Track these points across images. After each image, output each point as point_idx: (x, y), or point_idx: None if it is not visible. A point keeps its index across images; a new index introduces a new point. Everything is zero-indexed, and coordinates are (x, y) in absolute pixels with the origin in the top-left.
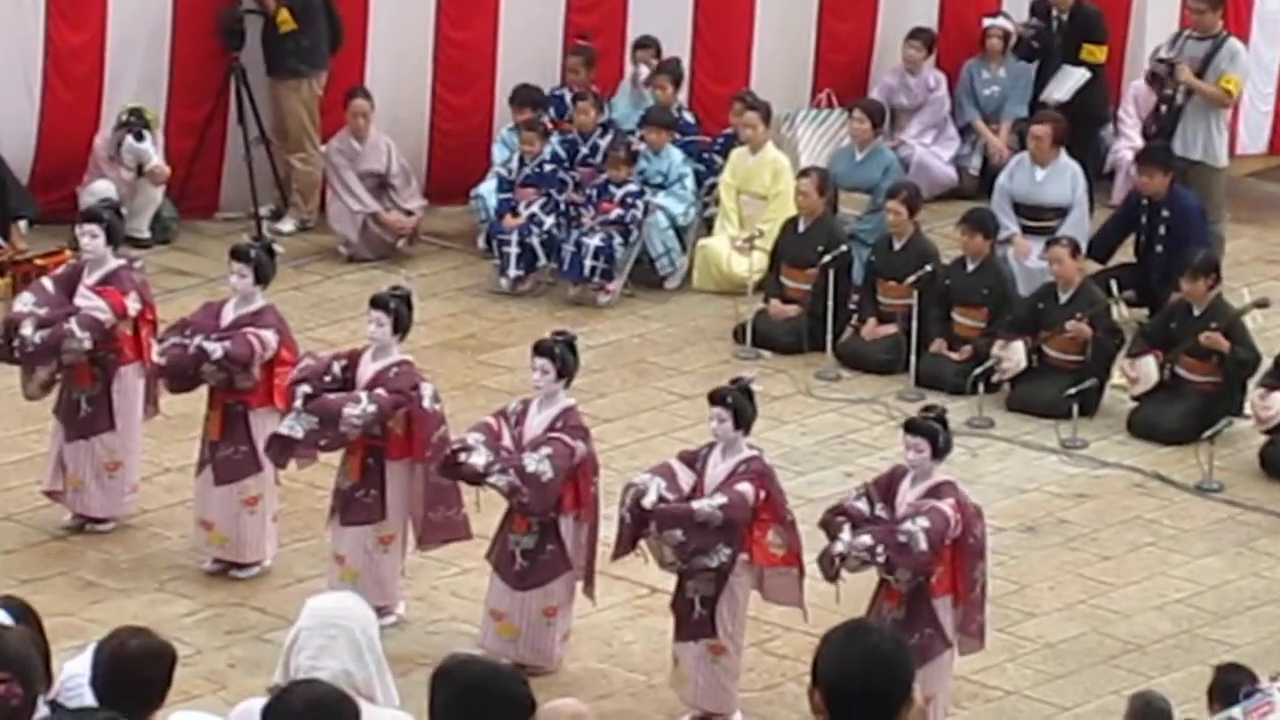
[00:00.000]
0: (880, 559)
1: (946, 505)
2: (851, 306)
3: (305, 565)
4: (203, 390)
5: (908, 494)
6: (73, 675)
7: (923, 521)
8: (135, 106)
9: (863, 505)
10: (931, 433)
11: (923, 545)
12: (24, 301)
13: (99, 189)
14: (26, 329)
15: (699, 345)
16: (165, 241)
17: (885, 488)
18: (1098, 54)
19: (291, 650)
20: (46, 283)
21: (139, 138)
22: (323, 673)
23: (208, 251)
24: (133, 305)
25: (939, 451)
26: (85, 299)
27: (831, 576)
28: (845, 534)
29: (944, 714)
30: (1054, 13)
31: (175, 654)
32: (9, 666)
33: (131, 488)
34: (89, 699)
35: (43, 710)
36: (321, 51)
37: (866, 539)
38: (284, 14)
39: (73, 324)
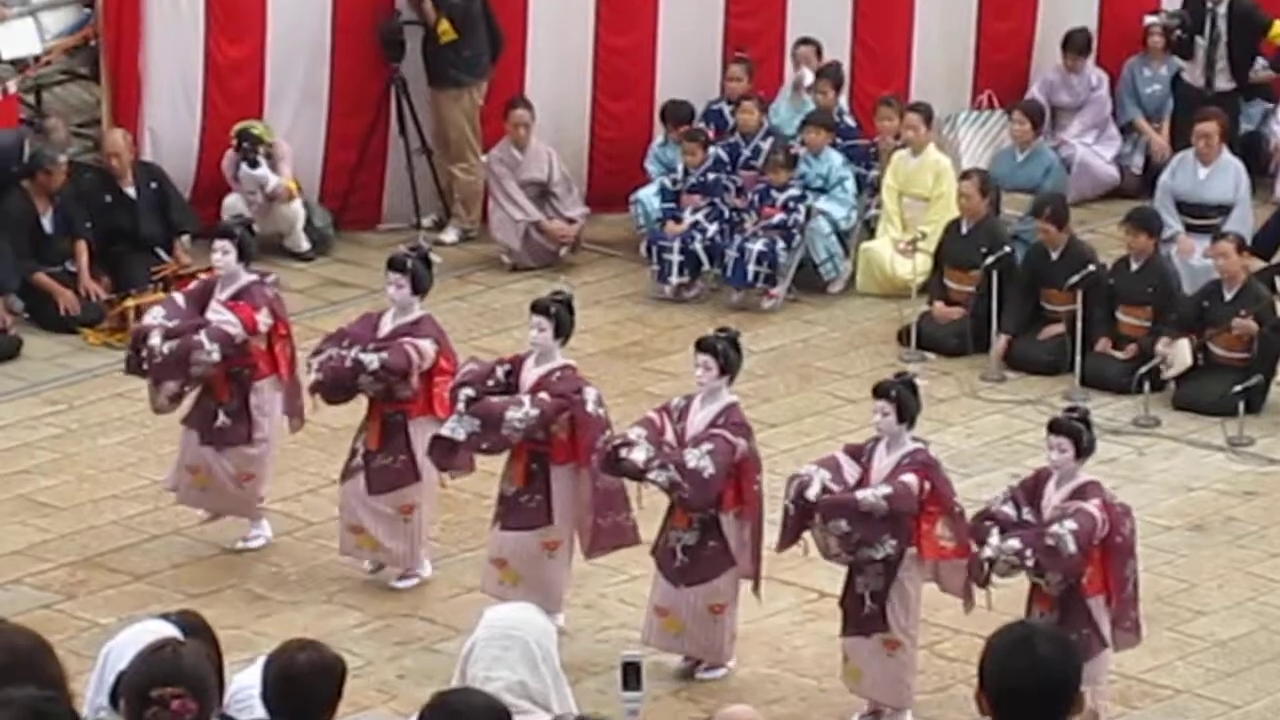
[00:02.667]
0: (1029, 563)
1: (1093, 506)
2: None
3: (474, 575)
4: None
5: (1053, 496)
6: (243, 688)
7: (1070, 524)
8: (244, 127)
9: (1009, 509)
10: (1075, 433)
11: (1071, 548)
12: (154, 315)
13: (231, 205)
14: (155, 339)
15: (863, 349)
16: (324, 253)
17: (1031, 491)
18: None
19: (467, 660)
20: (178, 297)
21: (253, 164)
22: (498, 683)
23: (370, 263)
24: (264, 320)
25: (1083, 452)
26: (216, 313)
27: (982, 582)
28: (994, 538)
29: (1104, 713)
30: (1208, 5)
31: (345, 666)
32: (184, 682)
33: (259, 499)
34: (259, 712)
35: None
36: (482, 61)
37: (1015, 543)
38: (444, 24)
39: (202, 336)
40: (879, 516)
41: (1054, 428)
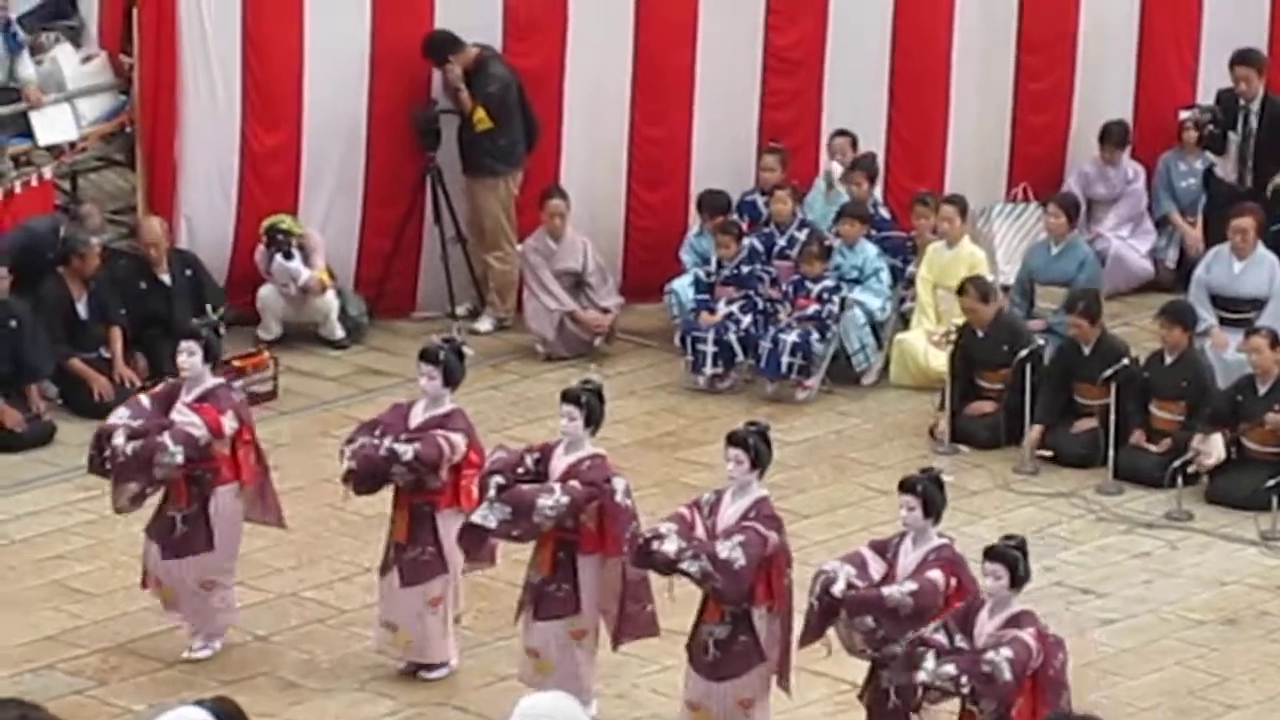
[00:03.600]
0: (965, 689)
1: (1028, 635)
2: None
3: (506, 663)
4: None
5: (987, 624)
6: None
7: (1006, 651)
8: (273, 223)
9: (941, 636)
10: (1011, 560)
11: (1007, 675)
12: (119, 415)
13: (265, 296)
14: (119, 439)
15: (897, 441)
16: (359, 341)
17: (963, 620)
18: None
19: None
20: (143, 399)
21: (287, 256)
22: None
23: (405, 351)
24: (229, 424)
25: (1017, 580)
26: (181, 415)
27: (915, 707)
28: (929, 663)
29: None
30: (1241, 101)
31: None
32: None
33: (228, 605)
34: None
35: None
36: (518, 150)
37: (950, 669)
38: (480, 113)
39: (165, 437)
40: (904, 613)
41: (990, 554)
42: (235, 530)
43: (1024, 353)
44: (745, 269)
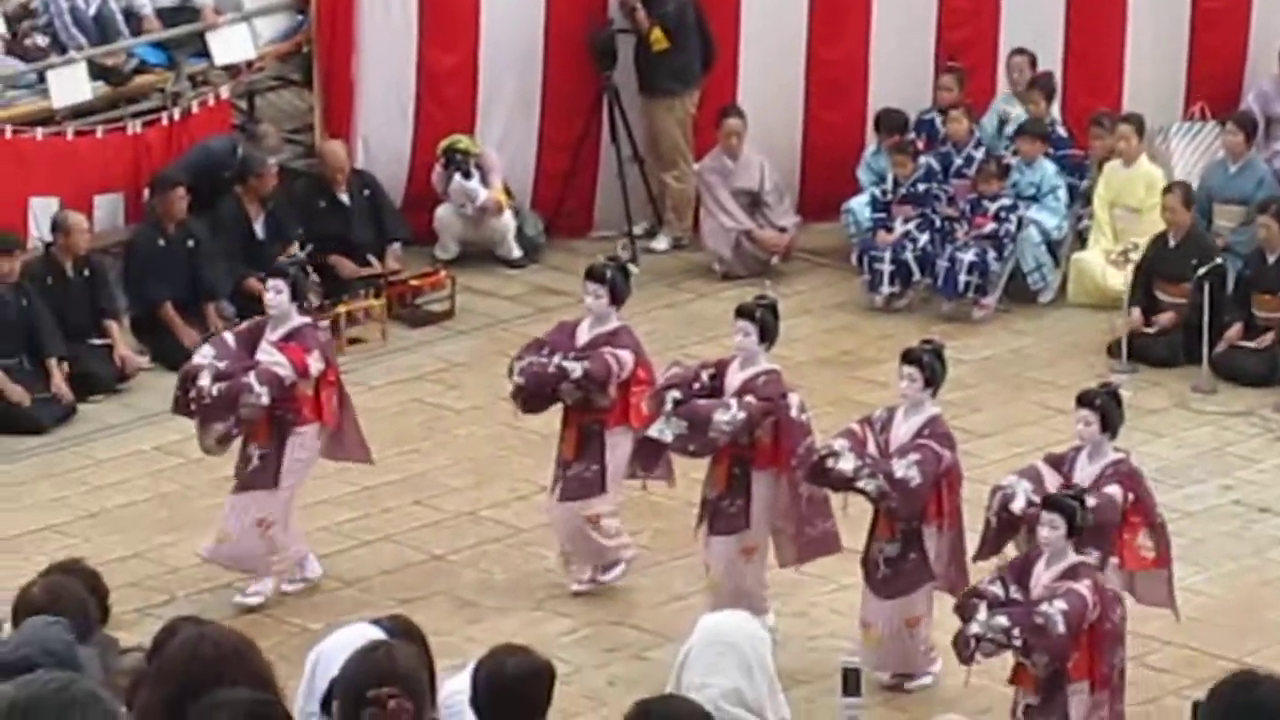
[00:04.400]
0: (1017, 641)
1: (1084, 587)
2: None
3: (683, 582)
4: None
5: (1043, 576)
6: (453, 693)
7: (1060, 604)
8: (450, 143)
9: (997, 588)
10: (1069, 510)
11: (1060, 628)
12: (203, 354)
13: (441, 214)
14: (204, 380)
15: (1074, 359)
16: (536, 260)
17: (1020, 570)
18: None
19: (683, 667)
20: (228, 337)
21: (466, 175)
22: (713, 689)
23: (582, 270)
24: (315, 364)
25: (1074, 530)
26: (266, 354)
27: (966, 659)
28: (981, 614)
29: None
30: None
31: (554, 672)
32: (399, 683)
33: (276, 550)
34: (469, 717)
35: None
36: (694, 70)
37: (1003, 620)
38: (657, 33)
39: (251, 378)
40: (1085, 528)
41: (1049, 504)
42: (305, 472)
43: (1206, 268)
44: (922, 187)
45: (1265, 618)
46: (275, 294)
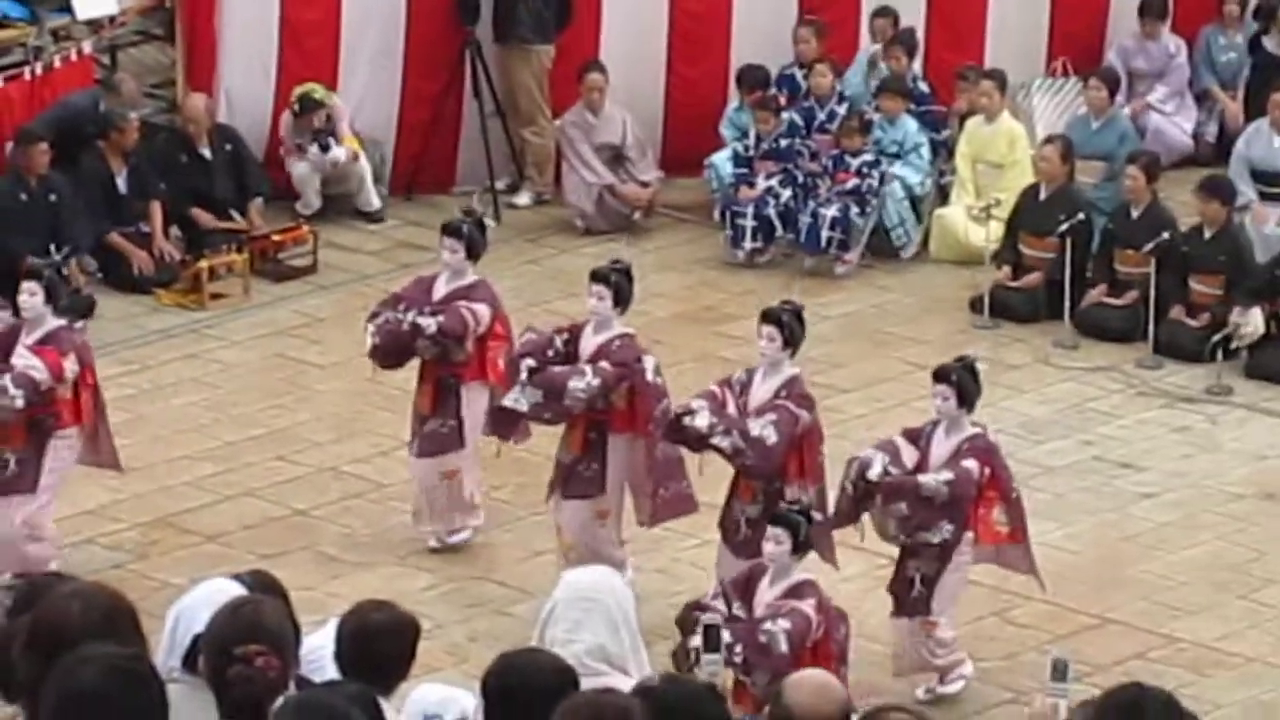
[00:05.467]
0: (738, 659)
1: (808, 606)
2: (1088, 275)
3: (545, 539)
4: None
5: (766, 593)
6: (315, 649)
7: (784, 623)
8: (304, 92)
9: (720, 604)
10: (794, 526)
11: (783, 647)
12: None
13: (299, 170)
14: None
15: (936, 315)
16: (392, 210)
17: (743, 586)
18: None
19: (547, 623)
20: None
21: (324, 148)
22: (578, 645)
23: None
24: (70, 367)
25: (800, 546)
26: (21, 358)
27: (687, 670)
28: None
29: None
30: None
31: (418, 627)
32: (267, 639)
33: (47, 556)
34: (331, 672)
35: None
36: (551, 23)
37: (726, 636)
38: None
39: (6, 381)
40: (939, 502)
41: (774, 519)
42: (63, 475)
43: (1070, 223)
44: (784, 143)
45: (1125, 573)
46: (29, 296)
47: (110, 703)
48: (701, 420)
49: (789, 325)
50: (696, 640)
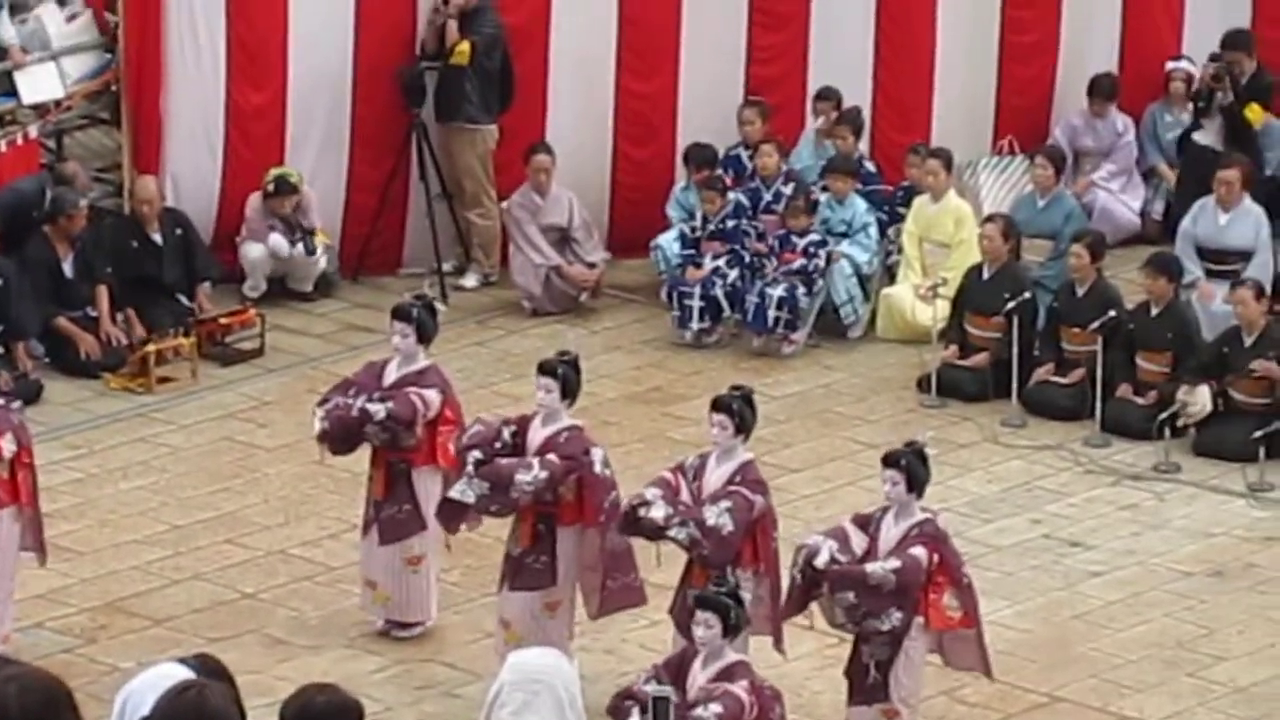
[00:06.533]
0: None
1: (740, 689)
2: (1035, 353)
3: (494, 621)
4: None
5: (699, 675)
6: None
7: (715, 707)
8: (282, 173)
9: (650, 687)
10: (723, 609)
11: None
12: None
13: (252, 254)
14: None
15: (884, 394)
16: (328, 295)
17: (675, 669)
18: (1256, 116)
19: (494, 705)
20: None
21: (310, 250)
22: None
23: (390, 308)
24: (8, 446)
25: (730, 629)
26: None
27: None
28: (634, 718)
29: None
30: (1235, 71)
31: (362, 710)
32: None
33: (1, 637)
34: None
35: None
36: (494, 104)
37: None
38: (464, 45)
39: None
40: (887, 589)
41: (701, 602)
42: (11, 555)
43: (1016, 302)
44: (731, 224)
45: (1076, 651)
46: None
47: None
48: (657, 512)
49: (740, 411)
50: None
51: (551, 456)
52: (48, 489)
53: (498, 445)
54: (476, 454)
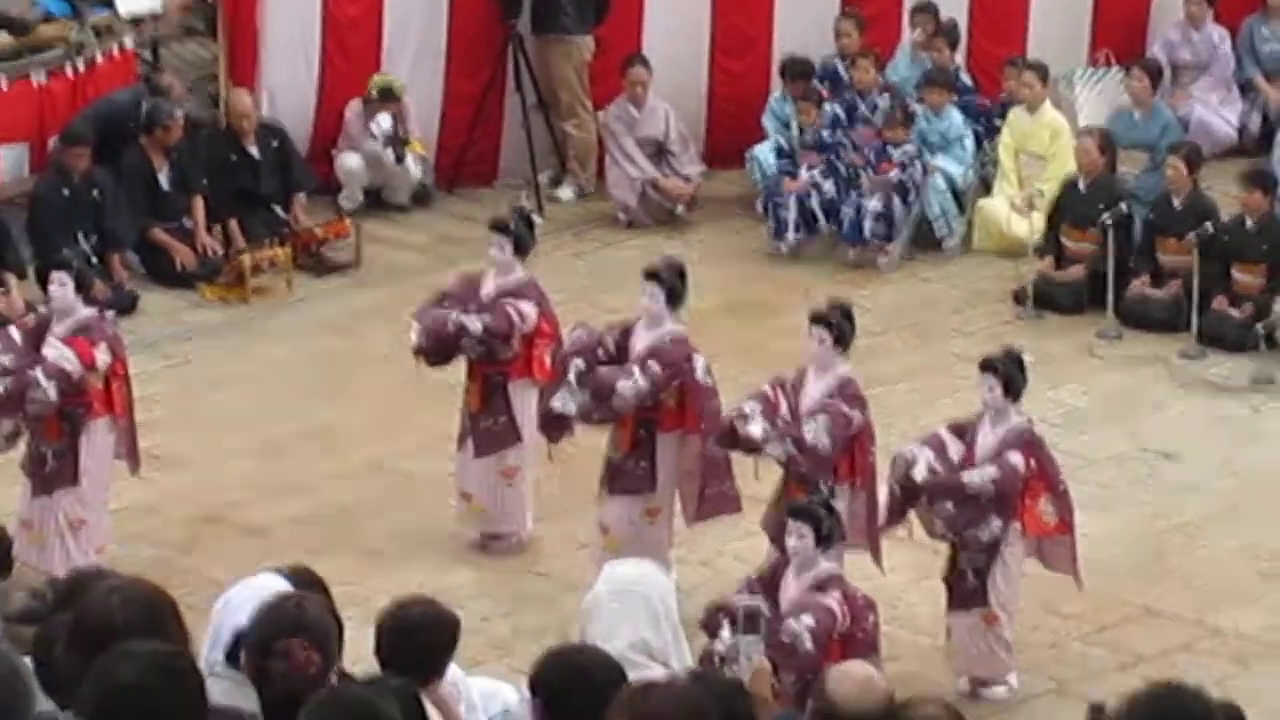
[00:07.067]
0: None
1: (832, 600)
2: (1131, 265)
3: (588, 531)
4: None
5: (791, 587)
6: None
7: (807, 620)
8: (386, 83)
9: (745, 599)
10: (816, 519)
11: (808, 645)
12: None
13: (348, 164)
14: None
15: (980, 307)
16: (424, 207)
17: (768, 582)
18: None
19: (588, 617)
20: (13, 332)
21: (399, 159)
22: (620, 640)
23: (486, 219)
24: (102, 357)
25: (823, 539)
26: (53, 349)
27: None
28: (725, 632)
29: None
30: None
31: (458, 622)
32: (308, 634)
33: (96, 549)
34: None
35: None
36: (589, 14)
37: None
38: None
39: (38, 373)
40: (985, 498)
41: (793, 512)
42: (105, 465)
43: (1112, 214)
44: (827, 135)
45: (1169, 564)
46: (59, 287)
47: (150, 698)
48: (755, 428)
49: (838, 325)
50: (720, 646)
51: (653, 364)
52: (143, 399)
53: (600, 352)
54: (579, 362)
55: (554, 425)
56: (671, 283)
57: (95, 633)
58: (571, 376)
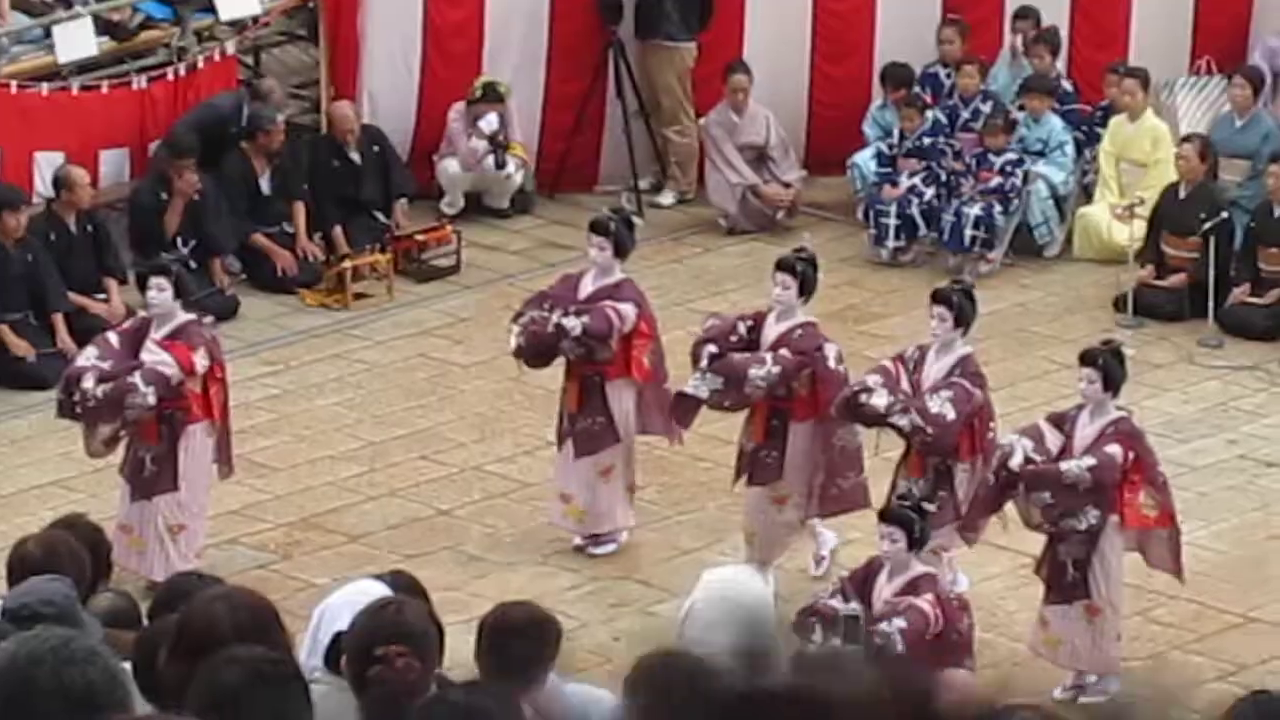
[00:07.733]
0: None
1: (925, 602)
2: (1232, 273)
3: (690, 537)
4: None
5: (884, 589)
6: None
7: (899, 622)
8: (490, 81)
9: (836, 603)
10: (908, 522)
11: (899, 648)
12: (86, 355)
13: (450, 169)
14: (88, 382)
15: (1080, 314)
16: (525, 212)
17: (861, 582)
18: None
19: (685, 623)
20: (112, 336)
21: (500, 165)
22: (716, 645)
23: (586, 224)
24: (200, 361)
25: (916, 542)
26: (151, 354)
27: None
28: (817, 637)
29: None
30: None
31: (559, 626)
32: (408, 640)
33: (195, 553)
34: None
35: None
36: (693, 21)
37: (838, 642)
38: None
39: (137, 378)
40: (1083, 488)
41: (885, 516)
42: (204, 470)
43: (1213, 222)
44: (928, 141)
45: (1270, 573)
46: (158, 292)
47: (255, 704)
48: (879, 399)
49: (960, 304)
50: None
51: (784, 351)
52: (244, 405)
53: (733, 339)
54: (711, 348)
55: (685, 410)
56: (804, 273)
57: (200, 639)
58: (704, 362)
